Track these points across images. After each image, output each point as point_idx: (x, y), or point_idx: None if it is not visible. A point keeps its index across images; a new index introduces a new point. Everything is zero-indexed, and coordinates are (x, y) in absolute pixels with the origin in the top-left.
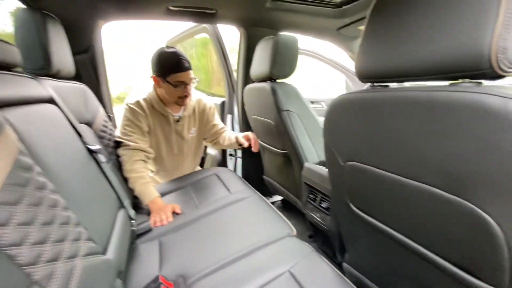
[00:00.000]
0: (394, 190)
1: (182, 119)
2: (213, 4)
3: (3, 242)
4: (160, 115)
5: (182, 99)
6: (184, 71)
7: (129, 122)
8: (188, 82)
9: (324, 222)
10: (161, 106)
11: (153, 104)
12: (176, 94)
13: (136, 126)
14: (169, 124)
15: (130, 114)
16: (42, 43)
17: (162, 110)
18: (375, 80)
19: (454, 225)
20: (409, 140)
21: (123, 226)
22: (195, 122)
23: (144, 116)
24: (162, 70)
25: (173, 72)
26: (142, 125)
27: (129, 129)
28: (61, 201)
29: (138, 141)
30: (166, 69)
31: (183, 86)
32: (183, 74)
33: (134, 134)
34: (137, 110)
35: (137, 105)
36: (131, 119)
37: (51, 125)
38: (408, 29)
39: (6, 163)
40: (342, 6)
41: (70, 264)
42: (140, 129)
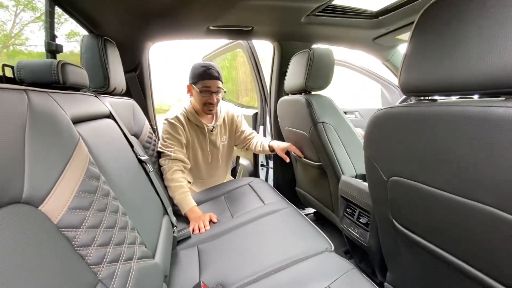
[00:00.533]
0: (444, 208)
1: (215, 129)
2: (250, 22)
3: (76, 242)
4: (195, 126)
5: (207, 106)
6: (211, 79)
7: (169, 135)
8: (213, 90)
9: (363, 238)
10: (196, 118)
11: (189, 117)
12: (202, 100)
13: (176, 139)
14: (204, 134)
15: (170, 128)
16: (103, 65)
17: (197, 122)
18: (420, 93)
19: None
20: (462, 156)
21: (167, 232)
22: (225, 131)
23: (182, 129)
24: (193, 78)
25: (201, 79)
26: (181, 138)
27: (169, 142)
28: (121, 207)
29: (177, 152)
30: (195, 77)
31: (208, 93)
32: (209, 81)
33: (174, 146)
34: (177, 125)
35: (176, 120)
36: (171, 132)
37: (111, 137)
38: (458, 42)
39: (81, 173)
40: (379, 16)
41: (128, 265)
42: (179, 142)
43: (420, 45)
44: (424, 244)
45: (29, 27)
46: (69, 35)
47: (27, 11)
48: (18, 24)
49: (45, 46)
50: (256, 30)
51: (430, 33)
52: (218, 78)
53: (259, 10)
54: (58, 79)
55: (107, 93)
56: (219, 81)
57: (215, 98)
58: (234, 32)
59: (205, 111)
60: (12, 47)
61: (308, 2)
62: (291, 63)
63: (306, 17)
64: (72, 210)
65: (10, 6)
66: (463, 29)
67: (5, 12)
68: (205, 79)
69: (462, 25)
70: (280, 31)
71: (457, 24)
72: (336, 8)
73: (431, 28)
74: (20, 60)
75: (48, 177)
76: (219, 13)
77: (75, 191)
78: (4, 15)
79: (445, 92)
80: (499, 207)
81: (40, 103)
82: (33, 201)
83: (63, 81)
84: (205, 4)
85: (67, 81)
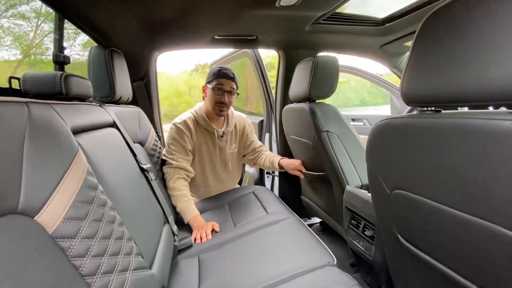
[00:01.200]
0: (449, 225)
1: (225, 135)
2: (254, 31)
3: (71, 253)
4: (205, 131)
5: (219, 106)
6: (225, 78)
7: (174, 141)
8: (226, 89)
9: (368, 252)
10: (207, 122)
11: (199, 121)
12: (214, 99)
13: (180, 145)
14: (213, 139)
15: (176, 133)
16: (109, 75)
17: (207, 126)
18: (423, 104)
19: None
20: (466, 171)
21: (167, 241)
22: (236, 138)
23: (189, 135)
24: (208, 78)
25: (216, 78)
26: (186, 145)
27: (174, 148)
28: (118, 217)
29: (180, 160)
30: (210, 76)
31: (221, 92)
32: (223, 80)
33: (178, 153)
34: (183, 130)
35: (183, 124)
36: (176, 138)
37: (112, 146)
38: (461, 51)
39: (78, 183)
40: (385, 23)
41: (123, 276)
42: (184, 148)
43: (422, 54)
44: (429, 261)
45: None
46: (85, 44)
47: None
48: (39, 35)
49: (53, 57)
50: (260, 39)
51: (432, 42)
52: (233, 80)
53: (263, 19)
54: (61, 91)
55: (112, 102)
56: (233, 82)
57: (227, 98)
58: (239, 41)
59: (216, 111)
60: (33, 56)
61: (312, 11)
62: (295, 71)
63: (310, 25)
64: (67, 220)
65: (31, 17)
66: (466, 38)
67: (27, 24)
68: (219, 78)
69: (465, 34)
70: (285, 40)
71: (459, 33)
72: (341, 16)
73: (433, 37)
74: (26, 72)
75: (44, 188)
76: (224, 23)
77: (71, 201)
78: (26, 27)
79: (448, 103)
80: (507, 226)
81: (40, 115)
82: (28, 212)
83: (66, 92)
84: (210, 14)
85: (70, 92)
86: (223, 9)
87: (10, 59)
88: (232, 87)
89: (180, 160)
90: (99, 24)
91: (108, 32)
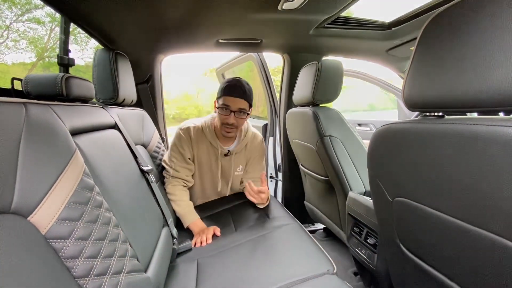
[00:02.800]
0: (451, 234)
1: (230, 154)
2: (258, 35)
3: (63, 254)
4: (209, 144)
5: (224, 127)
6: (232, 96)
7: (174, 147)
8: (232, 109)
9: (371, 260)
10: (212, 136)
11: (205, 133)
12: (220, 118)
13: (179, 153)
14: (216, 156)
15: (177, 139)
16: (113, 77)
17: (212, 140)
18: (426, 109)
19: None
20: (468, 179)
21: (165, 244)
22: (243, 160)
23: (189, 143)
24: (217, 92)
25: (223, 95)
26: (185, 153)
27: (173, 154)
28: (113, 219)
29: (178, 169)
30: (219, 91)
31: (227, 112)
32: (230, 98)
33: (177, 160)
34: (183, 137)
35: (185, 131)
36: (176, 144)
37: (112, 148)
38: (465, 55)
39: (74, 184)
40: (392, 27)
41: (116, 279)
42: (183, 156)
43: (425, 58)
44: (431, 272)
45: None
46: (98, 47)
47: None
48: (53, 38)
49: (58, 59)
50: (265, 42)
51: (435, 46)
52: (242, 97)
53: (267, 23)
54: (61, 92)
55: (116, 104)
56: (243, 100)
57: (233, 119)
58: (243, 45)
59: (223, 132)
60: (47, 59)
61: (315, 15)
62: (299, 75)
63: (314, 29)
64: (61, 221)
65: (46, 22)
66: (470, 41)
67: (42, 28)
68: (226, 95)
69: (469, 37)
70: (289, 44)
71: (464, 36)
72: (346, 20)
73: (436, 40)
74: (28, 74)
75: (39, 188)
76: (228, 27)
77: (66, 202)
78: (41, 30)
79: (452, 109)
80: (509, 238)
81: (37, 116)
82: (22, 212)
83: (67, 93)
84: (215, 17)
85: (71, 93)
86: (227, 13)
87: (25, 62)
88: (240, 107)
89: (178, 169)
90: (105, 27)
91: (114, 35)
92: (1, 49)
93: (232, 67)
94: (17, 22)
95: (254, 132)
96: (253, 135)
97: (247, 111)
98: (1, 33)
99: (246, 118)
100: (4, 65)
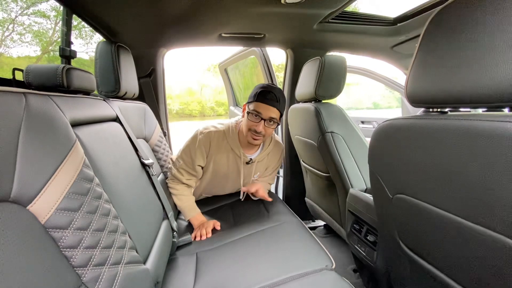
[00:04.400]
0: (452, 232)
1: (252, 162)
2: (261, 29)
3: (62, 244)
4: (230, 151)
5: (252, 134)
6: (264, 103)
7: (187, 150)
8: (263, 117)
9: (370, 258)
10: (235, 143)
11: (228, 139)
12: (248, 124)
13: (190, 157)
14: (236, 164)
15: (192, 143)
16: (115, 70)
17: (234, 147)
18: (429, 105)
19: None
20: (472, 177)
21: (165, 237)
22: (263, 167)
23: (205, 151)
24: (249, 97)
25: (255, 100)
26: (196, 160)
27: (183, 156)
28: (113, 210)
29: (182, 171)
30: (251, 96)
31: (257, 119)
32: (262, 105)
33: (184, 163)
34: (201, 144)
35: (205, 136)
36: (190, 148)
37: (113, 140)
38: (471, 49)
39: (73, 174)
40: (397, 23)
41: (114, 270)
42: (192, 161)
43: (430, 53)
44: (431, 270)
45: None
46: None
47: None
48: (58, 32)
49: (60, 51)
50: (268, 37)
51: (440, 40)
52: (275, 106)
53: (270, 17)
54: (62, 83)
55: (117, 97)
56: (275, 109)
57: (262, 127)
58: (246, 39)
59: (249, 138)
60: (52, 52)
61: (319, 9)
62: (302, 71)
63: (318, 24)
64: (60, 211)
65: (51, 16)
66: (476, 35)
67: (47, 22)
68: (258, 101)
69: (476, 31)
70: (292, 39)
71: (470, 30)
72: (350, 15)
73: (441, 34)
74: (29, 65)
75: (38, 178)
76: (231, 20)
77: (65, 192)
78: (46, 24)
79: (456, 104)
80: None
81: (38, 106)
82: (21, 201)
83: (68, 85)
84: (217, 11)
85: (72, 85)
86: (230, 6)
87: (30, 55)
88: (272, 116)
89: (181, 171)
90: (107, 20)
91: (116, 28)
92: (7, 42)
93: (235, 62)
94: (22, 16)
95: (277, 140)
96: (275, 142)
97: (277, 121)
98: (6, 26)
99: (275, 127)
100: (9, 58)
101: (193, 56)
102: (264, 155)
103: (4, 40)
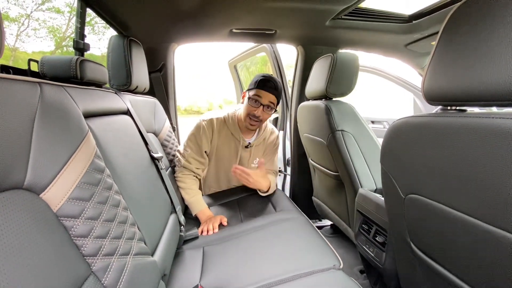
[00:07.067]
0: (466, 234)
1: (251, 146)
2: (273, 25)
3: (73, 232)
4: (231, 136)
5: (250, 119)
6: (264, 90)
7: (192, 137)
8: (263, 102)
9: (379, 259)
10: (235, 128)
11: (228, 124)
12: (248, 109)
13: (196, 144)
14: (236, 148)
15: (196, 131)
16: (127, 64)
17: (234, 131)
18: (447, 102)
19: None
20: (490, 177)
21: (173, 230)
22: (261, 152)
23: (209, 136)
24: (249, 85)
25: (255, 87)
26: (202, 146)
27: (190, 144)
28: (123, 202)
29: (191, 160)
30: (252, 83)
31: (257, 104)
32: (262, 91)
33: (191, 151)
34: (205, 129)
35: (208, 123)
36: (195, 135)
37: (124, 133)
38: (492, 45)
39: (85, 165)
40: (412, 20)
41: (123, 260)
42: (199, 148)
43: (449, 49)
44: (443, 273)
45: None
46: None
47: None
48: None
49: (73, 44)
50: (279, 33)
51: (461, 35)
52: (274, 92)
53: (282, 12)
54: (76, 74)
55: (129, 90)
56: (274, 96)
57: (260, 112)
58: (257, 35)
59: (247, 124)
60: (65, 48)
61: (333, 4)
62: (313, 68)
63: (331, 20)
64: (72, 200)
65: (65, 12)
66: (494, 33)
67: (61, 17)
68: (258, 88)
69: (493, 29)
70: (304, 35)
71: (490, 25)
72: (364, 12)
73: (462, 30)
74: (44, 56)
75: (51, 167)
76: (242, 15)
77: (77, 182)
78: (60, 20)
79: (475, 102)
80: None
81: (52, 96)
82: (34, 188)
83: (81, 76)
84: (228, 6)
85: (85, 76)
86: (242, 1)
87: (44, 50)
88: (271, 101)
89: (190, 160)
90: (120, 14)
91: (128, 22)
92: (22, 37)
93: (244, 59)
94: (37, 11)
95: (272, 128)
96: (271, 130)
97: (274, 107)
98: (22, 22)
99: (271, 113)
100: (24, 53)
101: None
102: (261, 139)
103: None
